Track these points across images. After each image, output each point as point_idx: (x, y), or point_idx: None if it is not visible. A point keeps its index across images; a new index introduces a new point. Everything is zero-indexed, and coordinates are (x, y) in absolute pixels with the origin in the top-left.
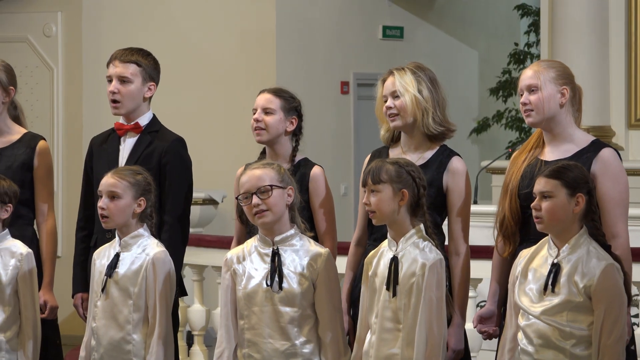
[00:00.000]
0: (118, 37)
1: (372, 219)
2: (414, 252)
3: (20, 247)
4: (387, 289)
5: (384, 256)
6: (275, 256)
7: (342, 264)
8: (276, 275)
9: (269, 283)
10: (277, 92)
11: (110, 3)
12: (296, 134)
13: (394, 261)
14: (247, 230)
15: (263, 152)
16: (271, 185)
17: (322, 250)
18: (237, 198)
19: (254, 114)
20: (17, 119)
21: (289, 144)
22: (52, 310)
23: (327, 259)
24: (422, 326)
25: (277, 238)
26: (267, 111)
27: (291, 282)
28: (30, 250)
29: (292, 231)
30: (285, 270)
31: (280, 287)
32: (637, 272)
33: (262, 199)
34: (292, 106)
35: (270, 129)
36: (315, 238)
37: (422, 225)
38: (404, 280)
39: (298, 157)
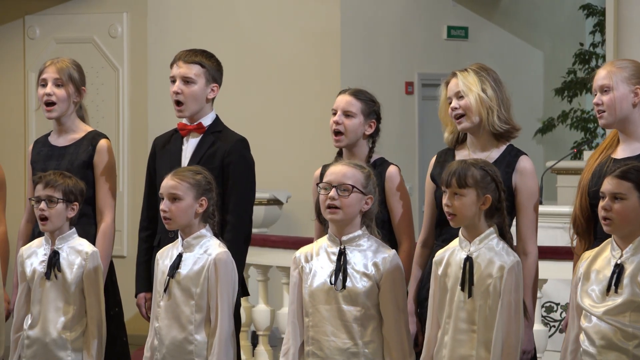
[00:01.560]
0: (183, 37)
1: (451, 221)
2: (489, 253)
3: (86, 246)
4: (462, 289)
5: (454, 256)
6: (342, 255)
7: None
8: (340, 274)
9: (333, 281)
10: (358, 95)
11: (176, 4)
12: (373, 135)
13: (468, 261)
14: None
15: (340, 153)
16: (353, 186)
17: (388, 251)
18: (318, 185)
19: (334, 115)
20: (83, 119)
21: (366, 146)
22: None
23: (393, 260)
24: (500, 329)
25: (344, 237)
26: (347, 114)
27: (355, 281)
28: (96, 249)
29: (359, 232)
30: (349, 270)
31: (344, 286)
32: None
33: (339, 194)
34: (372, 109)
35: (349, 134)
36: (393, 240)
37: (496, 226)
38: (479, 282)
39: (374, 157)
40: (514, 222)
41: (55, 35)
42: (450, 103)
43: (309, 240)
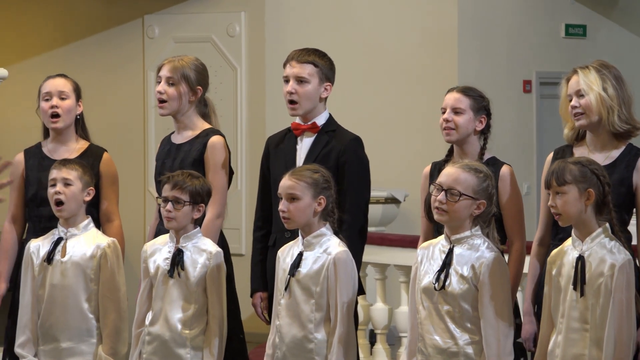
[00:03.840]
0: (300, 37)
1: (559, 221)
2: (601, 251)
3: (209, 246)
4: (574, 288)
5: (567, 255)
6: (449, 255)
7: (526, 264)
8: (442, 274)
9: (434, 281)
10: (466, 91)
11: (293, 3)
12: (484, 132)
13: (580, 260)
14: (435, 229)
15: (451, 151)
16: (461, 193)
17: (489, 253)
18: (431, 183)
19: (443, 113)
20: (207, 117)
21: (477, 143)
22: None
23: (492, 263)
24: (611, 327)
25: (453, 237)
26: (456, 111)
27: (453, 281)
28: (219, 249)
29: (468, 232)
30: (451, 270)
31: (443, 286)
32: None
33: (447, 199)
34: (481, 105)
35: (459, 129)
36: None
37: (607, 224)
38: (591, 280)
39: (486, 156)
40: (633, 221)
41: (174, 34)
42: (571, 100)
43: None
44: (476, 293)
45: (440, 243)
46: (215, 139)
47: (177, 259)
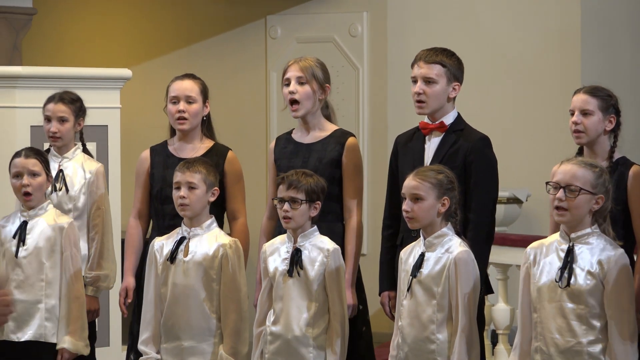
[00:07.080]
0: (423, 37)
1: None
2: None
3: (327, 244)
4: None
5: None
6: (570, 252)
7: None
8: (566, 272)
9: (557, 279)
10: (593, 92)
11: (416, 3)
12: (614, 131)
13: None
14: None
15: (580, 150)
16: (580, 188)
17: (615, 250)
18: (547, 183)
19: (572, 115)
20: (328, 118)
21: (607, 142)
22: (352, 309)
23: (619, 260)
24: None
25: (573, 235)
26: (584, 112)
27: (579, 279)
28: (337, 246)
29: (589, 229)
30: (575, 267)
31: (568, 284)
32: None
33: (567, 196)
34: (609, 104)
35: (589, 131)
36: (632, 243)
37: None
38: None
39: (616, 155)
40: None
41: (297, 34)
42: None
43: None
44: (602, 289)
45: (555, 241)
46: (353, 141)
47: (296, 258)
